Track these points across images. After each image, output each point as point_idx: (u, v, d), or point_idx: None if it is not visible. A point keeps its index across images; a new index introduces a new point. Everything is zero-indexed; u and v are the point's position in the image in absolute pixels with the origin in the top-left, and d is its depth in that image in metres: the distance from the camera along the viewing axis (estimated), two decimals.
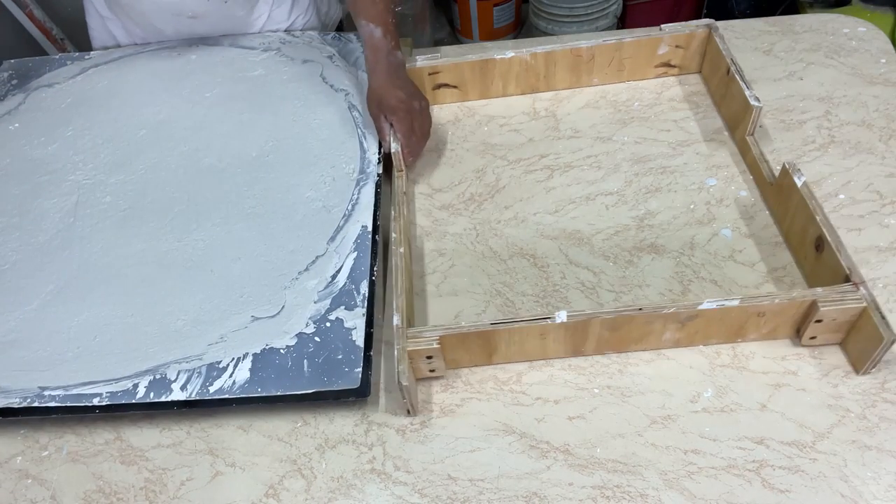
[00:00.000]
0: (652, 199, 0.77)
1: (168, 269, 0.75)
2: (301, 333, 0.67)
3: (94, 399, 0.65)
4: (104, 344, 0.69)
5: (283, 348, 0.66)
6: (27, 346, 0.70)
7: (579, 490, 0.57)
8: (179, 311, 0.71)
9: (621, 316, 0.61)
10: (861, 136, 0.80)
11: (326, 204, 0.78)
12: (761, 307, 0.61)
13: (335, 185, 0.80)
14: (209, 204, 0.81)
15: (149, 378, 0.66)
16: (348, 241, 0.74)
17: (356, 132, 0.86)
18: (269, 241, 0.76)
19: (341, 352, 0.65)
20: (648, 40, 0.86)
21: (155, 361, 0.67)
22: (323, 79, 0.94)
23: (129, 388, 0.65)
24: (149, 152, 0.88)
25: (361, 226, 0.75)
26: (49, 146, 0.91)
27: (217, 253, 0.76)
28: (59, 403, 0.65)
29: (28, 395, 0.66)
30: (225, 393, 0.64)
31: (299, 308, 0.69)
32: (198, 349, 0.67)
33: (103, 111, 0.94)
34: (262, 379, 0.64)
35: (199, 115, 0.92)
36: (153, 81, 0.97)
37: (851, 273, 0.61)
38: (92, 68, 1.01)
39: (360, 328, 0.67)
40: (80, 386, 0.66)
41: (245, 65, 0.98)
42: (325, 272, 0.71)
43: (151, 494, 0.61)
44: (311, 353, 0.66)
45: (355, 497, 0.59)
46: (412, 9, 1.90)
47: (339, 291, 0.70)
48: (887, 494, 0.55)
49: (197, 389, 0.65)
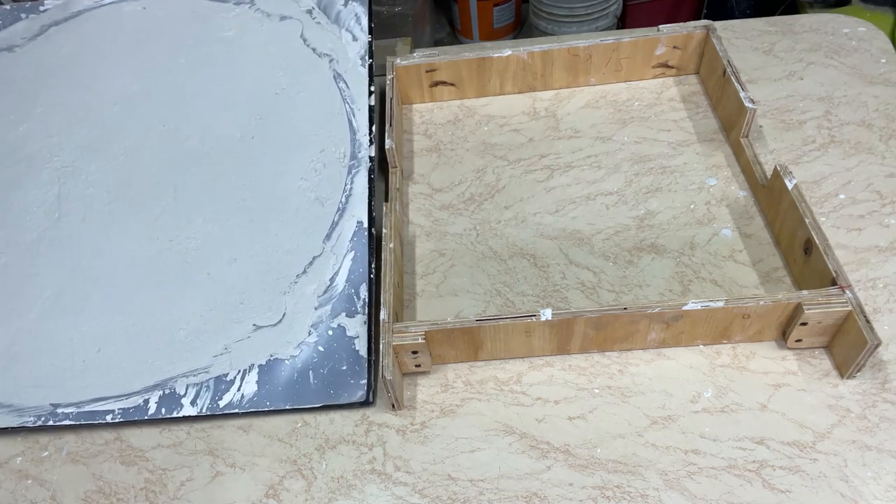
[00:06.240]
0: (652, 199, 0.77)
1: (164, 273, 0.74)
2: (304, 343, 0.67)
3: (106, 416, 0.65)
4: (110, 357, 0.69)
5: (287, 359, 0.66)
6: (32, 360, 0.70)
7: (579, 490, 0.57)
8: (180, 319, 0.70)
9: (606, 315, 0.61)
10: (861, 136, 0.80)
11: (319, 195, 0.76)
12: (746, 309, 0.61)
13: (326, 173, 0.77)
14: (198, 196, 0.78)
15: (158, 393, 0.66)
16: (344, 240, 0.73)
17: (344, 108, 0.81)
18: (263, 239, 0.74)
19: (345, 363, 0.65)
20: (646, 41, 0.86)
21: (162, 375, 0.67)
22: (304, 41, 0.88)
23: (140, 405, 0.66)
24: (126, 133, 0.84)
25: (357, 221, 0.73)
26: (20, 126, 0.86)
27: (211, 253, 0.74)
28: (73, 422, 0.66)
29: (41, 412, 0.66)
30: (235, 407, 0.65)
31: (300, 315, 0.69)
32: (203, 361, 0.67)
33: (72, 83, 0.89)
34: (269, 392, 0.65)
35: (174, 87, 0.87)
36: (120, 45, 0.91)
37: (838, 276, 0.61)
38: (52, 26, 0.94)
39: (362, 337, 0.67)
40: (92, 402, 0.66)
41: (218, 22, 0.90)
42: (324, 275, 0.71)
43: (151, 495, 0.61)
44: (316, 363, 0.66)
45: (355, 497, 0.59)
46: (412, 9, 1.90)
47: (338, 296, 0.69)
48: (887, 494, 0.55)
49: (207, 404, 0.65)
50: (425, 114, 0.91)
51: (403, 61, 0.87)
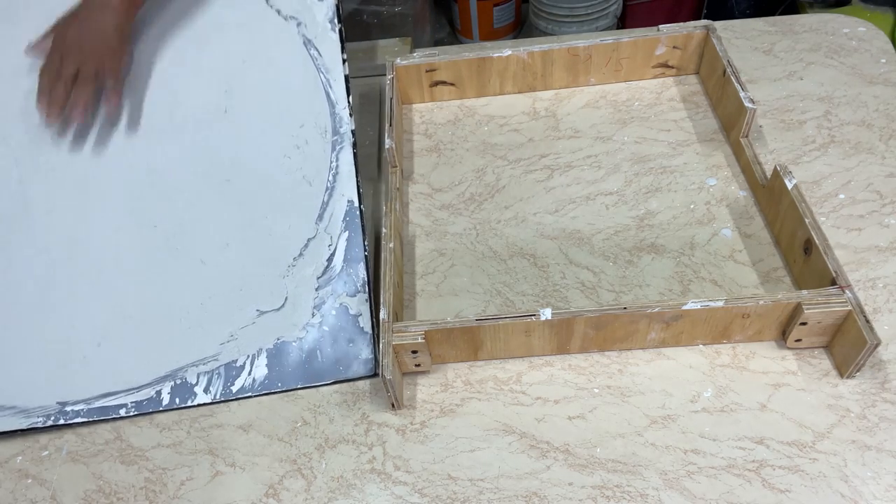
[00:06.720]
0: (652, 199, 0.77)
1: (152, 258, 0.71)
2: (309, 324, 0.68)
3: (120, 410, 0.65)
4: (112, 351, 0.68)
5: (294, 341, 0.67)
6: (28, 359, 0.68)
7: (579, 490, 0.57)
8: (180, 309, 0.70)
9: (606, 315, 0.61)
10: (861, 136, 0.80)
11: (305, 174, 0.74)
12: (746, 308, 0.61)
13: (309, 150, 0.74)
14: (177, 174, 0.74)
15: (170, 384, 0.66)
16: (337, 220, 0.72)
17: (319, 78, 0.76)
18: (253, 222, 0.72)
19: (351, 340, 0.67)
20: (646, 41, 0.86)
21: (171, 366, 0.67)
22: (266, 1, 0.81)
23: (153, 396, 0.66)
24: None
25: (347, 200, 0.72)
26: None
27: (202, 237, 0.72)
28: (86, 419, 0.65)
29: (49, 412, 0.66)
30: (248, 391, 0.66)
31: (302, 298, 0.69)
32: (211, 349, 0.68)
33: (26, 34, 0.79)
34: (280, 374, 0.66)
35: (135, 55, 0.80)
36: None
37: (838, 276, 0.61)
38: None
39: (365, 314, 0.68)
40: (101, 398, 0.66)
41: None
42: (320, 256, 0.71)
43: (151, 494, 0.61)
44: (323, 343, 0.67)
45: (355, 497, 0.59)
46: (412, 9, 1.90)
47: (337, 277, 0.70)
48: (887, 494, 0.55)
49: (220, 391, 0.66)
50: (425, 114, 0.91)
51: (403, 61, 0.87)
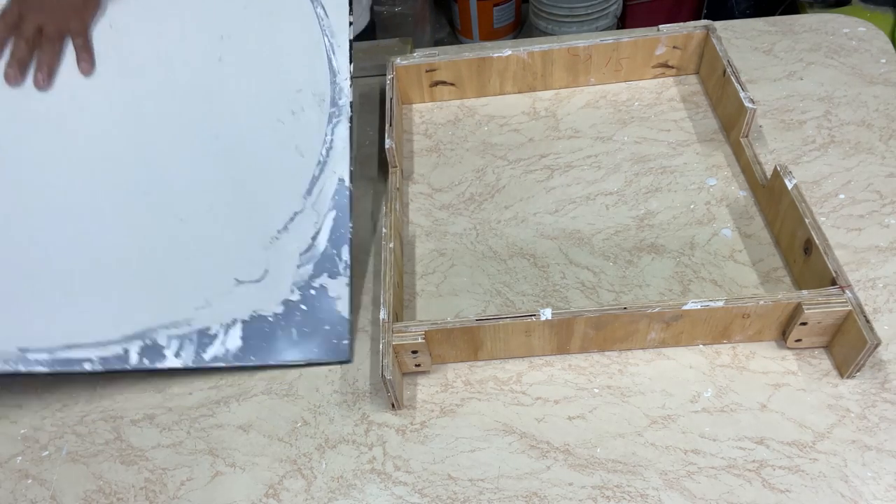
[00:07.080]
0: (652, 199, 0.77)
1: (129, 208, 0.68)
2: (287, 301, 0.67)
3: (85, 364, 0.62)
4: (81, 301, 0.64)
5: (270, 316, 0.66)
6: None
7: (579, 490, 0.57)
8: (155, 265, 0.66)
9: (606, 315, 0.61)
10: (861, 136, 0.80)
11: (298, 143, 0.71)
12: (746, 309, 0.61)
13: (305, 118, 0.71)
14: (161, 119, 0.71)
15: (139, 343, 0.64)
16: (326, 197, 0.69)
17: (323, 41, 0.73)
18: (239, 184, 0.70)
19: (328, 322, 0.66)
20: (646, 41, 0.86)
21: (141, 325, 0.64)
22: None
23: (120, 354, 0.63)
24: None
25: (338, 178, 0.70)
26: None
27: (183, 192, 0.69)
28: (47, 369, 0.62)
29: (9, 357, 0.62)
30: (220, 361, 0.64)
31: (283, 273, 0.68)
32: (184, 313, 0.65)
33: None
34: (254, 347, 0.65)
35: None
36: None
37: (838, 276, 0.61)
38: None
39: (344, 298, 0.67)
40: (65, 349, 0.63)
41: None
42: (306, 233, 0.69)
43: (151, 494, 0.61)
44: (299, 322, 0.66)
45: (355, 497, 0.59)
46: (412, 9, 1.90)
47: (320, 256, 0.68)
48: (887, 494, 0.55)
49: (192, 357, 0.64)
50: (425, 114, 0.91)
51: (403, 61, 0.87)
